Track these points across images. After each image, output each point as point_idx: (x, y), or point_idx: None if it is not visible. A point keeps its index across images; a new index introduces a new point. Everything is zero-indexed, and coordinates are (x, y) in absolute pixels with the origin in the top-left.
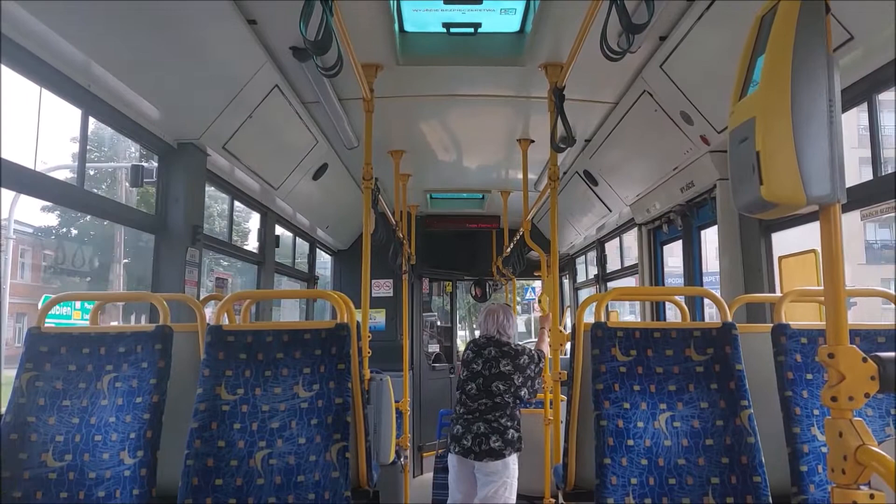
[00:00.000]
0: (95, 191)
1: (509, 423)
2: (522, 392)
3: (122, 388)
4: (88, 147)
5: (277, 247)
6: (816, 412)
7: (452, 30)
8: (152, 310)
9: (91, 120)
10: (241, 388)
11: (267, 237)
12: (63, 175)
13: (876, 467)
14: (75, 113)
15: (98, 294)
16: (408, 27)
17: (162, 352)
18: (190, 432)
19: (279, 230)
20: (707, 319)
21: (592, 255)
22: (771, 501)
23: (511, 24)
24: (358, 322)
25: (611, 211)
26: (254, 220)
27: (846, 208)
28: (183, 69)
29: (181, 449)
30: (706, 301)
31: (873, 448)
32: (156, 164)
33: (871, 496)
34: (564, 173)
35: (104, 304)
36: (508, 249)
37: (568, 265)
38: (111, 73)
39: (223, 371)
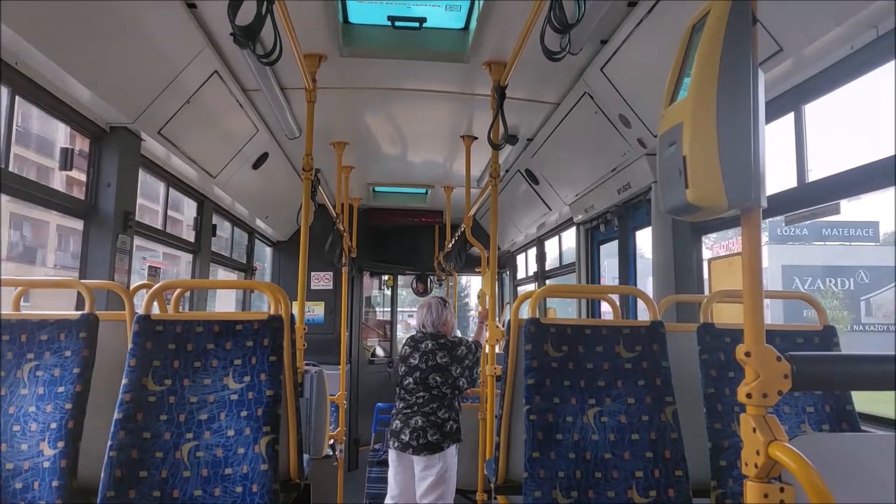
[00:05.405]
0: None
1: (447, 415)
2: (461, 382)
3: (44, 377)
4: None
5: (214, 235)
6: (737, 409)
7: (397, 23)
8: (79, 298)
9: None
10: (168, 378)
11: (203, 226)
12: None
13: (785, 461)
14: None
15: (21, 280)
16: (352, 18)
17: (87, 340)
18: (114, 423)
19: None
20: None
21: (533, 252)
22: (691, 495)
23: (456, 20)
24: (293, 314)
25: (551, 210)
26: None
27: (769, 213)
28: (117, 50)
29: (105, 441)
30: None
31: (784, 443)
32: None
33: (781, 489)
34: (507, 171)
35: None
36: (450, 245)
37: (509, 262)
38: (40, 52)
39: (150, 361)
